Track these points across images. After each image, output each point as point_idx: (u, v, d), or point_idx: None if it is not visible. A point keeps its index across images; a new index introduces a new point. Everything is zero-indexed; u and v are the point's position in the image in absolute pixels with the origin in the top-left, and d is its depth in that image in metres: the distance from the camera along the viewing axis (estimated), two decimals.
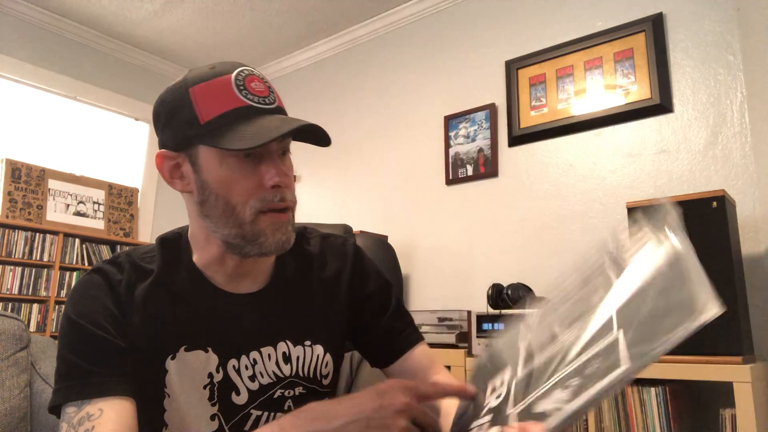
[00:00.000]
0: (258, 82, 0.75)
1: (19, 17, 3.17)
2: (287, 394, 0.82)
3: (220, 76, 0.74)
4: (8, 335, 2.06)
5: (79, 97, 3.41)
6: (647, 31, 2.19)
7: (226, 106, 0.72)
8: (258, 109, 0.73)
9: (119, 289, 0.77)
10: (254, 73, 0.76)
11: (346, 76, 3.35)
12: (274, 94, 0.77)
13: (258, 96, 0.74)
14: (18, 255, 2.87)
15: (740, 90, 1.98)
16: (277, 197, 0.75)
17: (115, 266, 0.79)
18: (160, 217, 3.68)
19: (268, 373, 0.80)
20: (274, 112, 0.75)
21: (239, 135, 0.70)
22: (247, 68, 0.76)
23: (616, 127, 2.24)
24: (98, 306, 0.75)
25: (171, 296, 0.79)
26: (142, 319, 0.76)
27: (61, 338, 0.74)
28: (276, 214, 0.75)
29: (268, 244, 0.76)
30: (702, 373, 1.50)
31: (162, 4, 3.13)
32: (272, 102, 0.76)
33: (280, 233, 0.76)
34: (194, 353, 0.77)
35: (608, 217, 2.18)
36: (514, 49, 2.60)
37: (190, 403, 0.76)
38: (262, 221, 0.75)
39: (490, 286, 1.97)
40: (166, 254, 0.82)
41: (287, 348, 0.82)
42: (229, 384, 0.78)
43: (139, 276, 0.79)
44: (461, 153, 2.68)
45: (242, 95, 0.73)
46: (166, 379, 0.76)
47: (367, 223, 2.97)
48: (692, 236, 1.71)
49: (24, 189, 3.02)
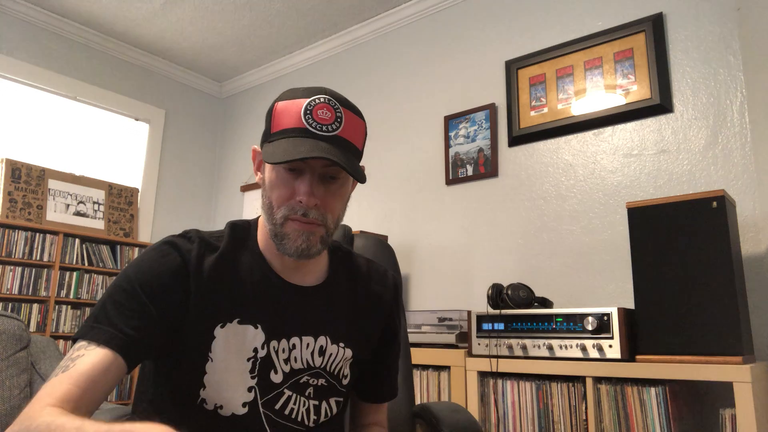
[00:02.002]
0: (326, 111, 0.84)
1: (19, 17, 3.17)
2: (311, 382, 0.90)
3: (297, 99, 0.85)
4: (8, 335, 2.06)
5: (79, 97, 3.41)
6: (647, 31, 2.19)
7: (288, 125, 0.84)
8: (311, 133, 0.83)
9: (188, 257, 0.86)
10: (330, 103, 0.85)
11: (346, 76, 3.35)
12: (339, 123, 0.85)
13: (318, 122, 0.83)
14: (18, 255, 2.87)
15: (740, 90, 1.98)
16: (300, 211, 0.84)
17: (186, 239, 0.89)
18: (160, 217, 3.68)
19: (302, 359, 0.89)
20: (326, 140, 0.83)
21: (279, 149, 0.82)
22: (325, 97, 0.85)
23: (616, 127, 2.24)
24: (155, 273, 0.83)
25: (234, 272, 0.88)
26: (205, 288, 0.84)
27: (109, 286, 0.84)
28: (300, 223, 0.85)
29: (288, 247, 0.85)
30: (702, 373, 1.50)
31: (162, 4, 3.13)
32: (331, 130, 0.84)
33: (301, 240, 0.85)
34: (244, 327, 0.85)
35: (608, 217, 2.18)
36: (514, 49, 2.60)
37: (230, 370, 0.84)
38: (288, 226, 0.85)
39: (490, 286, 1.97)
40: (234, 235, 0.92)
41: (325, 343, 0.92)
42: (269, 361, 0.86)
43: (207, 250, 0.88)
44: (461, 153, 2.68)
45: (304, 119, 0.83)
46: (212, 344, 0.83)
47: (367, 223, 2.97)
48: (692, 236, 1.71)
49: (24, 189, 3.02)
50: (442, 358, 2.03)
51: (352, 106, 0.89)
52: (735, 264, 1.56)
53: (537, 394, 1.77)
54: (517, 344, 1.83)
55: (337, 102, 0.86)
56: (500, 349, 1.86)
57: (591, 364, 1.67)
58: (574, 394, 1.70)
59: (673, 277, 1.60)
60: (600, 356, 1.65)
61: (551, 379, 1.76)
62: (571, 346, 1.72)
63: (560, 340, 1.74)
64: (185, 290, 0.84)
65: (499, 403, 1.85)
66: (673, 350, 1.57)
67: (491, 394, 1.87)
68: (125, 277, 0.83)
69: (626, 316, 1.68)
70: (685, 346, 1.55)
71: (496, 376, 1.86)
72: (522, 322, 1.84)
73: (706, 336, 1.52)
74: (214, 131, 4.13)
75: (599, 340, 1.66)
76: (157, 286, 0.82)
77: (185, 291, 0.84)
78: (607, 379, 1.65)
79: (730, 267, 1.53)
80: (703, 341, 1.52)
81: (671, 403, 1.54)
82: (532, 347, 1.80)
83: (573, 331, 1.73)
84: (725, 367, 1.46)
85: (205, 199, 4.01)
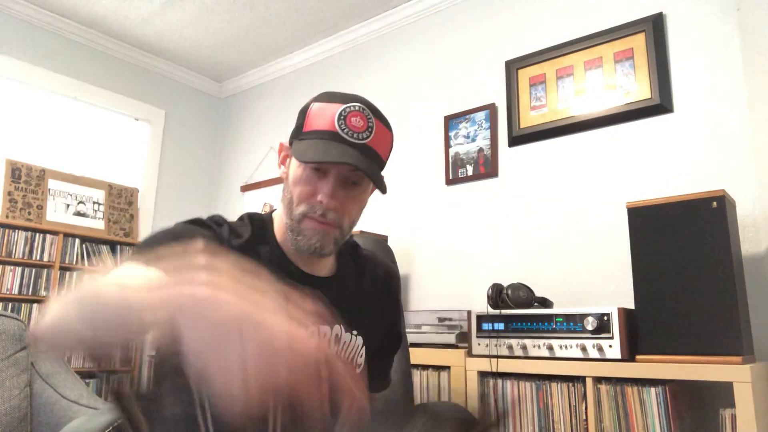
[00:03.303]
0: (360, 119, 0.88)
1: (19, 17, 3.17)
2: None
3: (334, 103, 0.89)
4: (8, 335, 2.06)
5: (79, 97, 3.41)
6: (647, 31, 2.19)
7: (322, 127, 0.88)
8: (341, 138, 0.86)
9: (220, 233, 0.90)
10: (364, 112, 0.89)
11: (346, 76, 3.35)
12: (370, 133, 0.89)
13: (350, 129, 0.87)
14: (18, 255, 2.87)
15: (740, 90, 1.98)
16: (319, 211, 0.88)
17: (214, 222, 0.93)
18: (160, 217, 3.68)
19: None
20: (355, 147, 0.86)
21: (310, 149, 0.85)
22: (359, 106, 0.89)
23: (616, 127, 2.24)
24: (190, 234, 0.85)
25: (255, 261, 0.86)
26: None
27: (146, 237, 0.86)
28: (317, 222, 0.89)
29: (302, 243, 0.90)
30: (702, 373, 1.50)
31: (162, 4, 3.13)
32: (362, 138, 0.88)
33: (316, 239, 0.89)
34: None
35: (608, 217, 2.18)
36: (514, 49, 2.60)
37: None
38: (305, 223, 0.89)
39: (490, 286, 1.97)
40: (255, 226, 0.96)
41: (340, 331, 0.96)
42: None
43: (233, 235, 0.92)
44: (461, 153, 2.68)
45: (338, 123, 0.87)
46: None
47: (367, 223, 2.97)
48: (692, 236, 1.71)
49: (24, 189, 3.02)
50: (442, 358, 2.03)
51: (383, 117, 0.92)
52: (735, 264, 1.56)
53: (537, 394, 1.77)
54: (517, 344, 1.83)
55: (370, 112, 0.90)
56: (500, 349, 1.86)
57: (591, 364, 1.67)
58: (574, 394, 1.70)
59: (673, 277, 1.60)
60: (600, 356, 1.65)
61: (551, 379, 1.76)
62: (571, 346, 1.72)
63: (560, 340, 1.74)
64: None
65: (499, 403, 1.85)
66: (673, 350, 1.57)
67: (491, 394, 1.87)
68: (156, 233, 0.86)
69: (626, 316, 1.68)
70: (685, 346, 1.55)
71: (496, 376, 1.86)
72: (522, 322, 1.84)
73: (706, 336, 1.52)
74: (214, 131, 4.13)
75: (599, 340, 1.66)
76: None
77: None
78: (607, 379, 1.65)
79: (730, 267, 1.53)
80: (703, 341, 1.52)
81: (671, 403, 1.54)
82: (532, 347, 1.80)
83: (573, 331, 1.73)
84: (725, 367, 1.46)
85: (205, 199, 4.01)
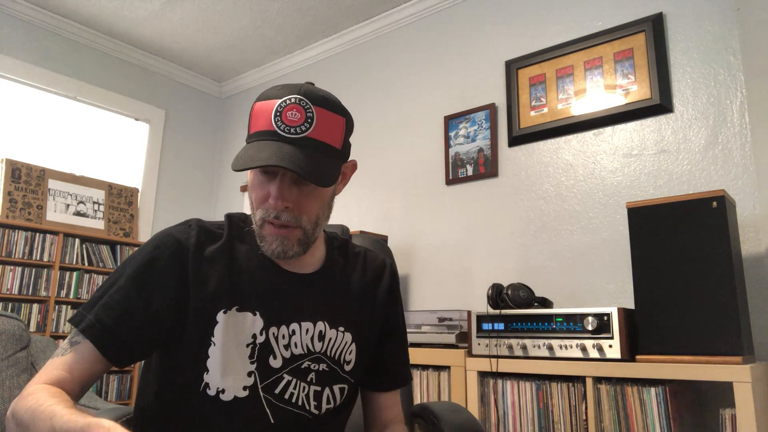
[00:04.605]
0: (296, 112, 0.83)
1: (19, 17, 3.17)
2: (313, 367, 0.91)
3: (272, 100, 0.85)
4: (8, 335, 2.06)
5: (79, 97, 3.41)
6: (647, 31, 2.19)
7: (261, 127, 0.85)
8: (279, 136, 0.83)
9: (186, 243, 0.88)
10: (301, 103, 0.84)
11: (346, 76, 3.35)
12: (309, 124, 0.84)
13: (286, 125, 0.83)
14: (18, 255, 2.87)
15: (740, 90, 1.98)
16: (273, 214, 0.85)
17: (186, 226, 0.92)
18: (160, 217, 3.68)
19: (302, 345, 0.91)
20: (293, 142, 0.82)
21: (245, 154, 0.83)
22: (296, 97, 0.84)
23: (616, 127, 2.24)
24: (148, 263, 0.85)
25: (234, 262, 0.91)
26: (204, 273, 0.87)
27: (113, 272, 0.87)
28: (274, 227, 0.87)
29: (266, 249, 0.88)
30: (702, 373, 1.50)
31: (162, 4, 3.13)
32: (300, 132, 0.83)
33: (276, 244, 0.87)
34: (243, 314, 0.88)
35: (608, 217, 2.18)
36: (514, 49, 2.60)
37: (231, 355, 0.85)
38: (265, 228, 0.88)
39: (490, 286, 1.97)
40: (233, 227, 0.95)
41: (324, 328, 0.93)
42: (268, 347, 0.88)
43: (208, 238, 0.91)
44: (461, 153, 2.68)
45: (274, 121, 0.83)
46: (215, 329, 0.85)
47: (367, 223, 2.97)
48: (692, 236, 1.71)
49: (24, 189, 3.02)
50: (442, 358, 2.03)
51: (328, 103, 0.86)
52: (735, 264, 1.56)
53: (537, 394, 1.77)
54: (517, 344, 1.83)
55: (308, 101, 0.84)
56: (500, 349, 1.86)
57: (591, 364, 1.67)
58: (574, 394, 1.70)
59: (673, 277, 1.60)
60: (600, 356, 1.65)
61: (551, 379, 1.76)
62: (571, 346, 1.72)
63: (560, 340, 1.74)
64: (183, 276, 0.86)
65: (499, 403, 1.85)
66: (673, 350, 1.57)
67: (491, 394, 1.87)
68: (122, 267, 0.87)
69: (626, 316, 1.68)
70: (685, 346, 1.55)
71: (496, 376, 1.86)
72: (522, 322, 1.85)
73: (706, 336, 1.52)
74: (213, 131, 4.13)
75: (599, 340, 1.66)
76: (147, 277, 0.84)
77: (183, 277, 0.86)
78: (607, 379, 1.65)
79: (729, 267, 1.53)
80: (703, 341, 1.52)
81: (671, 403, 1.54)
82: (532, 347, 1.80)
83: (573, 331, 1.73)
84: (725, 367, 1.46)
85: (205, 199, 4.01)
